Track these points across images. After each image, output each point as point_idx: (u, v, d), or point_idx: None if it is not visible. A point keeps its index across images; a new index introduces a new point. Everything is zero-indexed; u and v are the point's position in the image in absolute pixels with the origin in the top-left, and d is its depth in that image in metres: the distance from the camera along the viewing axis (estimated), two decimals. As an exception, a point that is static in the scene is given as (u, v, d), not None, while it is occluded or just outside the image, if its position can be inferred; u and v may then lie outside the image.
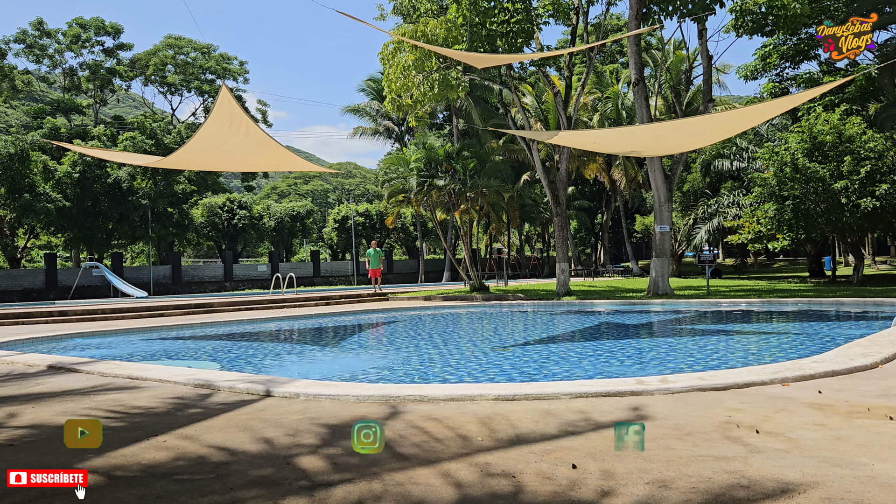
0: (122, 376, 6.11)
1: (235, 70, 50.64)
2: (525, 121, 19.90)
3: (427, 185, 21.33)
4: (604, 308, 15.49)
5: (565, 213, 19.24)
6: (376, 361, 7.95)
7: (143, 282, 32.19)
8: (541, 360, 7.51)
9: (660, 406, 4.25)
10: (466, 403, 4.44)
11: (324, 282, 39.28)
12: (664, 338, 9.70)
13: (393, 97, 18.10)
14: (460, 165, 21.17)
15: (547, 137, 13.99)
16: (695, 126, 10.18)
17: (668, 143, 11.77)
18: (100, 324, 13.47)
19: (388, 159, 25.04)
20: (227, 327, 12.82)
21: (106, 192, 31.43)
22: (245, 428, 4.01)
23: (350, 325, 13.22)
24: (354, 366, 7.60)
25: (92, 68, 44.56)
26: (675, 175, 18.25)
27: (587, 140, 13.61)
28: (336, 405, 4.56)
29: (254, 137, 9.17)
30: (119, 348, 9.77)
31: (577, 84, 24.61)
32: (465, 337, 10.52)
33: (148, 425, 4.14)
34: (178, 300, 19.43)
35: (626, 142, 12.21)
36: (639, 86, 17.84)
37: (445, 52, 10.10)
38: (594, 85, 37.59)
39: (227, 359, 8.33)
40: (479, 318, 14.04)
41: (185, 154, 10.10)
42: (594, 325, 11.83)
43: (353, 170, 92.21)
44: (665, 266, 17.91)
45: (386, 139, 42.92)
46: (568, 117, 18.91)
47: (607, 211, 43.03)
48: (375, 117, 41.95)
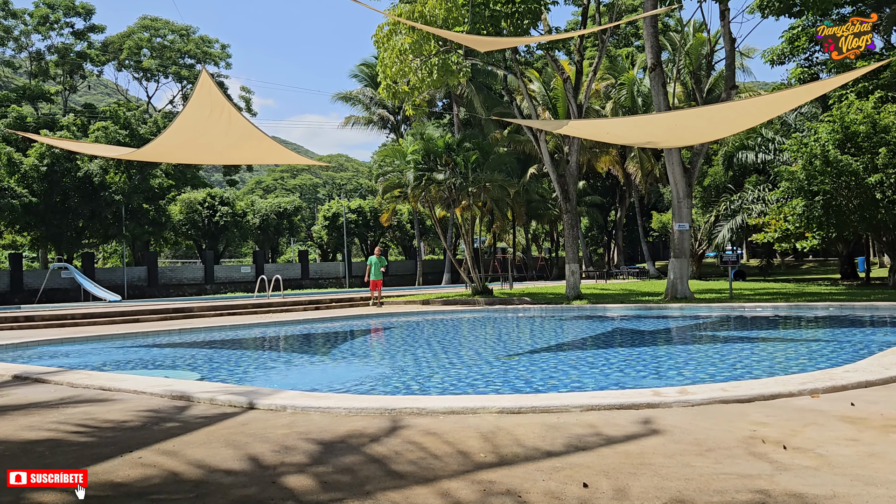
0: (93, 387, 6.13)
1: (217, 54, 50.75)
2: (532, 109, 19.88)
3: (425, 180, 21.33)
4: (617, 313, 15.56)
5: (575, 210, 19.23)
6: (370, 371, 7.97)
7: (116, 284, 32.24)
8: (548, 369, 7.53)
9: (678, 419, 4.26)
10: (468, 417, 4.46)
11: (313, 284, 39.32)
12: (683, 345, 9.75)
13: (388, 84, 18.11)
14: (461, 158, 21.18)
15: (556, 127, 14.01)
16: (717, 115, 10.20)
17: (687, 134, 11.83)
18: (69, 330, 13.48)
19: (383, 151, 25.06)
20: (208, 334, 12.85)
21: (76, 186, 31.47)
22: (227, 443, 3.99)
23: (342, 332, 13.25)
24: (346, 376, 7.62)
25: (61, 52, 44.61)
26: (695, 168, 18.29)
27: (599, 130, 13.64)
28: (326, 419, 4.57)
29: (237, 127, 9.17)
30: (90, 357, 9.79)
31: (589, 69, 24.67)
32: (466, 344, 10.56)
33: (121, 440, 4.14)
34: (155, 304, 19.46)
35: (642, 132, 12.22)
36: (656, 71, 17.84)
37: (445, 34, 10.12)
38: (607, 70, 37.61)
39: (208, 368, 8.36)
40: (481, 324, 14.09)
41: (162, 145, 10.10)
42: (607, 332, 11.88)
43: (345, 163, 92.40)
44: (684, 267, 17.97)
45: (380, 129, 42.94)
46: (578, 105, 18.94)
47: (621, 207, 43.02)
48: (369, 105, 41.97)
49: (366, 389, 6.64)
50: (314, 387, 6.74)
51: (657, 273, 37.00)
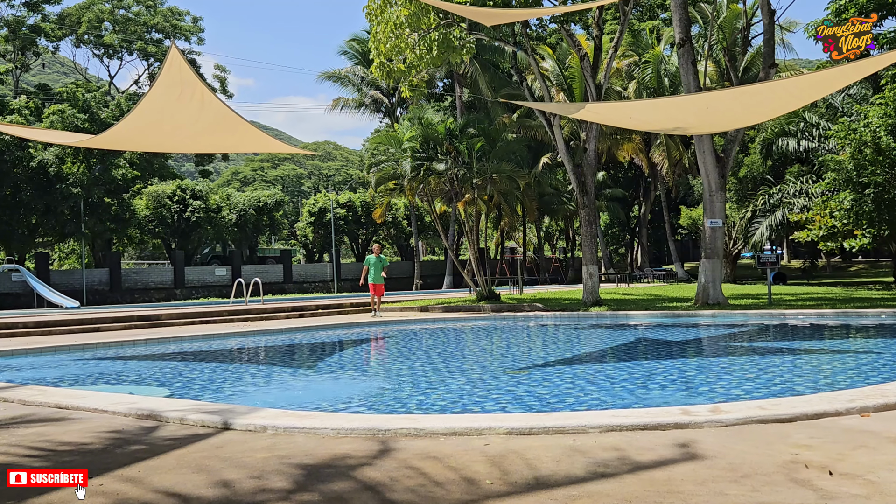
0: (48, 405, 6.12)
1: (188, 28, 50.82)
2: (545, 91, 19.85)
3: (424, 170, 21.35)
4: (641, 321, 15.62)
5: (594, 205, 19.24)
6: (362, 387, 7.99)
7: (74, 289, 32.28)
8: (563, 385, 7.55)
9: (711, 441, 4.26)
10: (472, 438, 4.46)
11: (297, 288, 39.36)
12: (716, 358, 9.78)
13: (382, 61, 18.10)
14: (465, 145, 21.19)
15: (571, 111, 14.02)
16: (754, 96, 10.16)
17: (720, 118, 11.81)
18: (20, 340, 13.49)
19: (377, 138, 25.12)
20: (178, 345, 12.91)
21: (28, 178, 31.48)
22: (199, 468, 3.99)
23: (329, 343, 13.31)
24: (335, 393, 7.64)
25: (11, 26, 44.68)
26: (729, 157, 18.30)
27: (621, 114, 13.59)
28: (312, 440, 4.57)
29: (210, 110, 9.19)
30: (44, 371, 9.79)
31: (609, 45, 24.67)
32: (470, 357, 10.60)
33: (80, 465, 4.13)
34: (118, 311, 19.46)
35: (670, 116, 12.19)
36: (684, 47, 17.83)
37: (447, 6, 10.13)
38: (630, 46, 37.64)
39: (178, 384, 8.39)
40: (487, 334, 14.14)
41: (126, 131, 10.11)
42: (629, 342, 11.91)
43: (333, 151, 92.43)
44: (717, 269, 17.97)
45: (373, 113, 43.01)
46: (597, 86, 18.92)
47: (646, 202, 43.04)
48: (360, 86, 42.03)
49: (357, 408, 6.65)
50: (298, 405, 6.76)
51: (686, 276, 37.03)
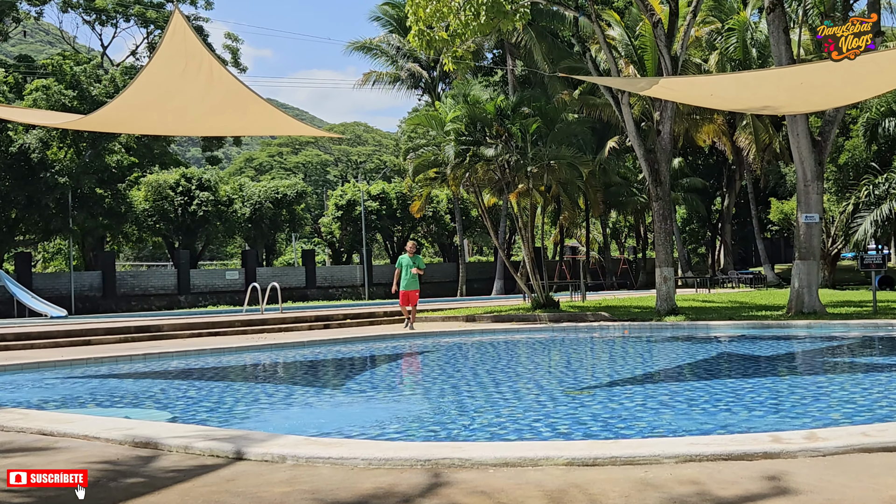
0: (29, 431, 6.13)
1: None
2: (611, 63, 19.79)
3: (470, 156, 21.24)
4: (724, 332, 15.70)
5: (669, 197, 19.16)
6: (397, 410, 8.02)
7: (60, 295, 32.17)
8: (634, 407, 7.59)
9: (805, 474, 4.27)
10: (527, 470, 4.47)
11: (322, 294, 39.61)
12: (811, 376, 9.84)
13: (421, 28, 17.99)
14: (518, 127, 21.05)
15: (643, 87, 13.96)
16: (856, 70, 10.02)
17: (817, 95, 11.85)
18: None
19: (414, 119, 25.14)
20: (182, 360, 12.98)
21: (7, 165, 31.10)
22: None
23: (359, 358, 13.42)
24: (365, 417, 7.67)
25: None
26: (827, 142, 18.15)
27: (700, 91, 13.63)
28: (339, 473, 4.55)
29: (220, 86, 9.22)
30: (26, 391, 9.87)
31: (687, 10, 24.12)
32: (524, 374, 10.68)
33: (68, 502, 4.10)
34: (112, 321, 19.58)
35: (757, 93, 12.15)
36: (775, 12, 17.63)
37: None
38: (710, 11, 37.29)
39: (182, 406, 8.43)
40: (544, 348, 14.24)
41: (122, 111, 10.20)
42: (710, 358, 12.00)
43: (364, 133, 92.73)
44: (812, 272, 17.88)
45: (410, 90, 43.03)
46: (673, 58, 18.81)
47: (730, 193, 42.74)
48: (395, 58, 42.05)
49: (391, 434, 6.68)
50: (323, 431, 6.79)
51: (776, 280, 36.97)
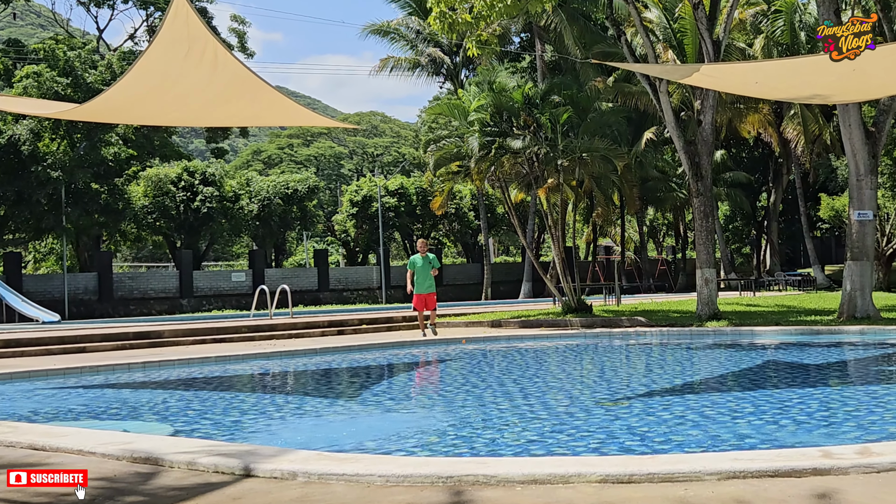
0: (19, 445, 6.13)
1: (197, -33, 51.02)
2: (648, 48, 19.75)
3: (496, 148, 21.23)
4: (770, 339, 15.68)
5: (710, 192, 19.08)
6: (417, 422, 8.05)
7: (53, 298, 32.17)
8: (672, 420, 7.59)
9: (858, 492, 4.26)
10: (557, 488, 4.49)
11: (335, 298, 39.61)
12: (865, 385, 9.89)
13: (442, 10, 18.00)
14: (547, 117, 20.99)
15: (682, 75, 13.94)
16: None
17: (871, 83, 11.77)
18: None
19: (436, 108, 25.12)
20: (185, 369, 13.03)
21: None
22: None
23: (376, 367, 13.49)
24: (382, 430, 7.68)
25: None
26: (882, 133, 18.05)
27: (744, 79, 13.57)
28: (354, 490, 4.58)
29: (225, 73, 9.24)
30: (16, 402, 9.92)
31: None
32: (554, 384, 10.75)
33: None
34: (109, 327, 19.59)
35: (806, 81, 12.15)
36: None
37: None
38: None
39: (185, 419, 8.44)
40: (576, 355, 14.30)
41: (119, 99, 10.23)
42: (755, 366, 12.01)
43: (381, 124, 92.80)
44: (866, 274, 17.83)
45: (431, 76, 43.03)
46: (715, 42, 18.71)
47: (776, 188, 42.75)
48: (415, 43, 42.09)
49: (411, 449, 6.69)
50: (336, 445, 6.80)
51: (827, 282, 36.91)
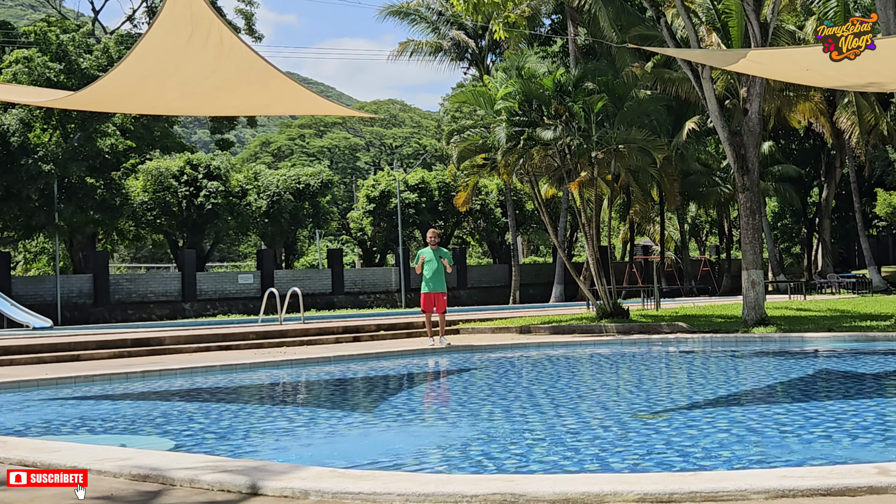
0: (9, 461, 6.11)
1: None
2: (690, 31, 19.63)
3: (525, 139, 21.16)
4: (822, 346, 15.69)
5: (757, 187, 19.02)
6: (438, 437, 8.05)
7: (45, 302, 32.28)
8: (715, 433, 7.61)
9: None
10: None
11: (351, 301, 39.78)
12: None
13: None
14: (580, 105, 20.89)
15: (727, 61, 13.77)
16: None
17: None
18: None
19: (460, 96, 25.06)
20: (188, 378, 13.10)
21: None
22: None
23: (394, 376, 13.55)
24: (401, 445, 7.68)
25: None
26: None
27: (794, 65, 13.51)
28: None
29: (232, 58, 9.27)
30: (5, 414, 9.99)
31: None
32: (587, 395, 10.77)
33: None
34: (105, 333, 19.69)
35: (861, 67, 11.81)
36: (883, -30, 17.60)
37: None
38: (807, -29, 36.76)
39: (188, 432, 8.45)
40: (611, 364, 14.38)
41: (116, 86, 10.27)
42: (806, 376, 12.05)
43: (400, 113, 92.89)
44: None
45: (454, 62, 43.15)
46: (762, 25, 18.58)
47: (829, 183, 42.68)
48: (437, 25, 42.21)
49: (432, 466, 6.67)
50: (352, 461, 6.78)
51: (884, 284, 37.00)
